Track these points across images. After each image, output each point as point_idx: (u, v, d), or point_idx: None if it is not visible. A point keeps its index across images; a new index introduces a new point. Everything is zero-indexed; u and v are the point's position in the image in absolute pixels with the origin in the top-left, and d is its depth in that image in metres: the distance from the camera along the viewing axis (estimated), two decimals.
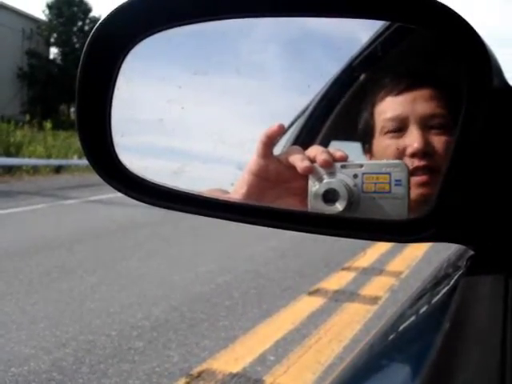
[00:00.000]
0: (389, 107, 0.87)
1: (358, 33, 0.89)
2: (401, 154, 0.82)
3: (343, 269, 5.45)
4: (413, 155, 0.81)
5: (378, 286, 4.85)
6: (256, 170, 0.71)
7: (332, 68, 0.95)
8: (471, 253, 0.67)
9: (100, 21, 0.69)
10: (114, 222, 7.99)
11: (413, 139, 0.82)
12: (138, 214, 8.04)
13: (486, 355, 0.44)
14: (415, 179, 0.77)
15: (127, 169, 0.74)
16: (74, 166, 17.25)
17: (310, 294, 4.59)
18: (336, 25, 0.74)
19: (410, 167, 0.76)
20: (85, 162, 17.50)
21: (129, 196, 0.74)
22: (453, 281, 0.69)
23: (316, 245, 6.36)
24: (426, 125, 0.83)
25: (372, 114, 0.90)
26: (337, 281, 5.01)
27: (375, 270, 5.41)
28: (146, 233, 7.19)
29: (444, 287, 0.72)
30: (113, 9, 0.67)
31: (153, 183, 0.74)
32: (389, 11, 0.62)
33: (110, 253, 5.98)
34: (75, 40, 36.21)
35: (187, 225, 7.39)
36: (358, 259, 5.80)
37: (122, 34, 0.70)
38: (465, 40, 0.56)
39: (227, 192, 0.76)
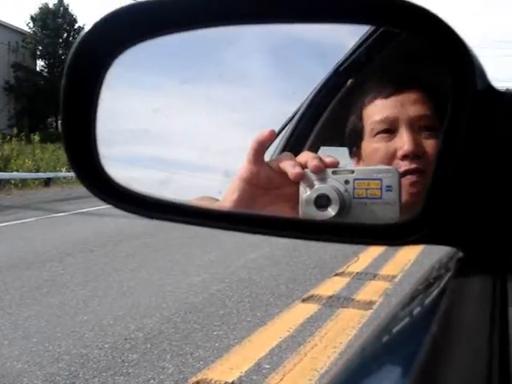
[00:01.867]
0: (378, 110, 0.87)
1: (343, 39, 0.92)
2: (391, 156, 0.83)
3: (336, 274, 5.44)
4: (403, 157, 0.82)
5: (372, 291, 4.84)
6: (247, 177, 0.71)
7: (319, 74, 0.98)
8: (461, 255, 0.67)
9: (84, 31, 0.68)
10: (104, 234, 7.94)
11: (403, 141, 0.82)
12: (129, 225, 8.00)
13: (473, 356, 0.44)
14: (406, 181, 0.78)
15: (114, 180, 0.73)
16: (63, 178, 17.16)
17: (304, 300, 4.58)
18: (321, 31, 0.74)
19: (401, 169, 0.78)
20: (73, 174, 17.37)
21: (117, 207, 0.73)
22: (443, 283, 0.69)
23: (309, 251, 6.35)
24: (415, 127, 0.83)
25: (361, 118, 0.90)
26: (330, 286, 5.00)
27: (369, 274, 5.40)
28: (138, 244, 7.15)
29: (435, 289, 0.72)
30: (97, 19, 0.67)
31: (140, 194, 0.73)
32: (373, 16, 0.63)
33: (102, 265, 5.94)
34: (61, 52, 36.14)
35: (179, 235, 7.36)
36: (351, 264, 5.79)
37: (106, 44, 0.70)
38: (447, 43, 0.57)
39: (216, 200, 0.75)
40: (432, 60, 0.63)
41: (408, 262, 5.82)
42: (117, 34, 0.69)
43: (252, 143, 0.70)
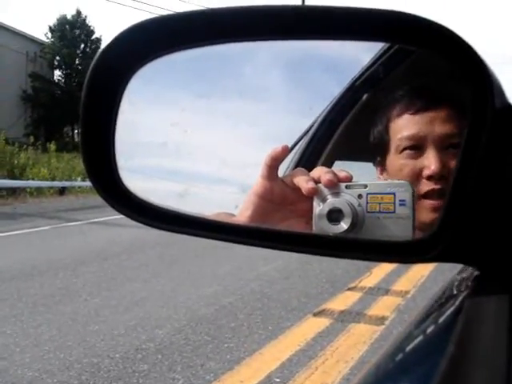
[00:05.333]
0: (406, 126, 0.87)
1: (359, 54, 0.92)
2: (417, 175, 0.82)
3: (349, 289, 5.42)
4: (429, 178, 0.81)
5: (384, 306, 4.82)
6: (261, 192, 0.71)
7: (334, 89, 0.97)
8: (477, 273, 0.66)
9: (104, 45, 0.69)
10: (118, 244, 7.98)
11: (430, 161, 0.82)
12: (143, 236, 8.02)
13: (491, 377, 0.44)
14: (429, 202, 0.79)
15: (131, 192, 0.73)
16: (78, 187, 17.28)
17: (316, 314, 4.56)
18: (337, 47, 0.74)
19: (426, 189, 0.80)
20: (89, 183, 17.45)
21: (133, 219, 0.73)
22: (458, 301, 0.68)
23: (321, 265, 6.33)
24: (443, 146, 0.82)
25: (387, 129, 0.89)
26: (343, 301, 4.98)
27: (381, 289, 5.38)
28: (151, 254, 7.18)
29: (450, 307, 0.71)
30: (117, 33, 0.68)
31: (157, 206, 0.73)
32: (389, 33, 0.63)
33: (115, 274, 5.97)
34: (78, 62, 36.44)
35: (193, 246, 7.37)
36: (363, 279, 5.77)
37: (126, 58, 0.70)
38: (465, 61, 0.56)
39: (233, 215, 0.75)
40: (450, 76, 0.63)
41: (421, 277, 5.78)
42: (137, 48, 0.70)
43: (265, 159, 0.70)
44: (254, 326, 4.23)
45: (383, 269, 6.08)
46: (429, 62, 0.67)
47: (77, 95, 35.43)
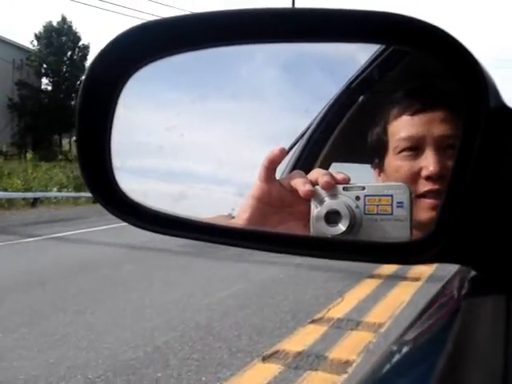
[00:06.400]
0: (404, 127, 0.87)
1: (355, 56, 0.91)
2: (415, 175, 0.82)
3: (313, 321, 4.60)
4: (427, 178, 0.81)
5: (350, 345, 4.01)
6: (259, 195, 0.71)
7: (331, 91, 0.98)
8: (474, 273, 0.66)
9: (101, 48, 0.68)
10: (66, 264, 7.16)
11: (428, 162, 0.82)
12: (98, 253, 7.41)
13: (488, 378, 0.45)
14: (428, 202, 0.79)
15: (128, 196, 0.73)
16: (54, 198, 16.62)
17: (265, 359, 3.72)
18: (334, 49, 0.75)
19: (424, 189, 0.80)
20: (64, 194, 16.94)
21: (130, 223, 0.73)
22: (455, 302, 0.70)
23: (287, 290, 5.57)
24: (441, 147, 0.82)
25: (385, 130, 0.89)
26: (301, 338, 4.15)
27: (351, 321, 4.57)
28: (97, 277, 6.36)
29: (447, 308, 0.73)
30: (113, 37, 0.68)
31: (154, 210, 0.74)
32: (384, 35, 0.62)
33: (46, 304, 5.16)
34: (65, 70, 35.77)
35: (147, 266, 6.67)
36: (332, 307, 4.98)
37: (121, 62, 0.70)
38: (459, 61, 0.57)
39: (230, 218, 0.75)
40: (446, 77, 0.63)
41: (401, 303, 5.04)
42: (132, 52, 0.70)
43: (263, 161, 0.70)
44: (185, 378, 3.41)
45: (357, 294, 5.32)
46: (424, 63, 0.68)
47: (64, 103, 35.07)
